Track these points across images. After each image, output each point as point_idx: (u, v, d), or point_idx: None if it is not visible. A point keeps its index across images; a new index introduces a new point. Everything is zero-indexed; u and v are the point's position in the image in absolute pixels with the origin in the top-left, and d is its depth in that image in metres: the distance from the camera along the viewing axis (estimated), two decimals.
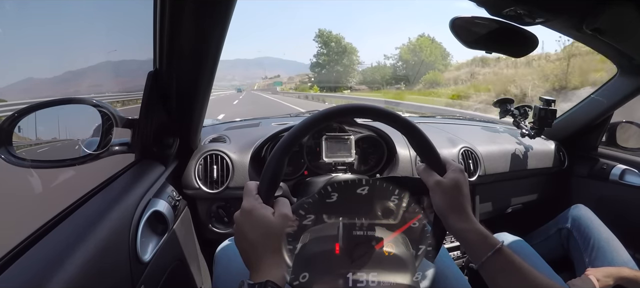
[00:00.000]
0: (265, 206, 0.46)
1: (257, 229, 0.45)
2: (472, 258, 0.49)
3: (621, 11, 0.59)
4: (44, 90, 6.24)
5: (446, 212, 0.50)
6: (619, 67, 1.10)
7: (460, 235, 0.49)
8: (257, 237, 0.45)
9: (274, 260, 0.44)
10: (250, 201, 0.47)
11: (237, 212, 0.48)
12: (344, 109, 0.53)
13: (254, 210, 0.46)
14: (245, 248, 0.46)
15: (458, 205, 0.49)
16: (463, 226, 0.49)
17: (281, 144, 0.49)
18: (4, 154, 0.56)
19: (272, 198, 0.48)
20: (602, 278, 0.86)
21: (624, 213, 1.20)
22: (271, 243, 0.45)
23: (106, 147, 0.66)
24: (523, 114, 1.38)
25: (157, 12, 0.61)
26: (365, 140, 1.11)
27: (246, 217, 0.46)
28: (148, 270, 0.63)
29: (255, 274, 0.44)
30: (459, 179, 0.50)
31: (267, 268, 0.43)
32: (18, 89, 8.85)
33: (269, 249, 0.45)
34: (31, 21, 22.16)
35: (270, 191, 0.48)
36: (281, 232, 0.46)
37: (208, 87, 0.77)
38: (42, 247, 0.47)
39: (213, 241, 1.02)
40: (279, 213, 0.46)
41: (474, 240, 0.48)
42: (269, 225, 0.45)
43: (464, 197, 0.50)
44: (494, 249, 0.46)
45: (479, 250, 0.47)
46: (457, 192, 0.50)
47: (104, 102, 0.67)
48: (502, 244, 0.47)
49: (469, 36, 0.69)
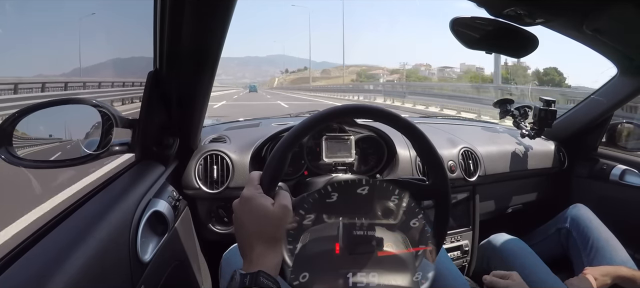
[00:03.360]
0: (265, 196, 0.46)
1: (253, 217, 0.45)
2: None
3: (621, 11, 0.59)
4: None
5: None
6: (619, 67, 1.10)
7: None
8: (253, 225, 0.45)
9: (267, 249, 0.44)
10: (250, 190, 0.47)
11: (236, 200, 0.48)
12: (345, 109, 0.53)
13: (253, 199, 0.46)
14: (241, 236, 0.46)
15: None
16: None
17: (285, 140, 0.49)
18: (4, 154, 0.56)
19: (274, 190, 0.48)
20: (599, 277, 0.87)
21: (624, 214, 1.20)
22: (267, 232, 0.45)
23: (106, 147, 0.66)
24: (523, 114, 1.38)
25: (157, 11, 0.62)
26: (366, 141, 1.11)
27: (244, 204, 0.46)
28: (148, 270, 0.63)
29: (249, 263, 0.43)
30: None
31: (260, 258, 0.43)
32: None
33: (264, 238, 0.44)
34: (39, 21, 22.26)
35: (272, 182, 0.48)
36: (279, 223, 0.45)
37: (208, 87, 0.77)
38: (42, 247, 0.47)
39: (213, 241, 1.02)
40: (279, 204, 0.46)
41: None
42: (266, 214, 0.45)
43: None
44: None
45: None
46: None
47: (104, 102, 0.67)
48: None
49: (469, 37, 0.69)
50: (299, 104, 14.72)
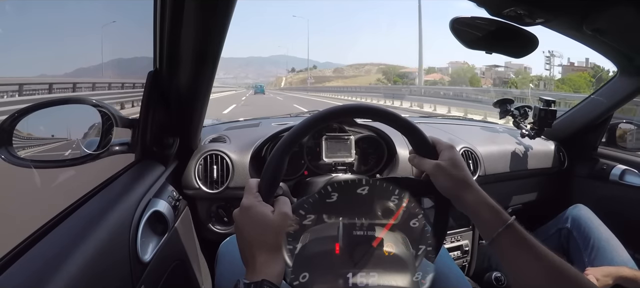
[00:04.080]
0: (265, 204, 0.46)
1: (254, 226, 0.45)
2: (483, 234, 0.49)
3: (621, 11, 0.59)
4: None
5: (455, 191, 0.50)
6: (619, 67, 1.10)
7: (473, 209, 0.49)
8: (254, 234, 0.45)
9: (270, 258, 0.44)
10: (249, 198, 0.46)
11: (236, 210, 0.47)
12: (344, 109, 0.53)
13: (253, 208, 0.45)
14: (243, 245, 0.46)
15: (463, 180, 0.49)
16: (475, 199, 0.49)
17: (282, 143, 0.49)
18: (4, 154, 0.56)
19: (273, 197, 0.48)
20: (601, 277, 0.86)
21: (624, 214, 1.20)
22: (268, 240, 0.44)
23: (106, 147, 0.67)
24: (523, 114, 1.38)
25: (157, 11, 0.62)
26: (365, 140, 1.11)
27: (244, 214, 0.46)
28: (148, 270, 0.63)
29: (252, 272, 0.43)
30: (454, 156, 0.51)
31: (263, 267, 0.43)
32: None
33: (266, 247, 0.44)
34: (39, 21, 22.17)
35: (270, 189, 0.48)
36: (279, 230, 0.45)
37: (208, 87, 0.77)
38: (42, 247, 0.47)
39: (213, 241, 1.02)
40: (278, 211, 0.46)
41: (486, 216, 0.48)
42: (267, 222, 0.45)
43: (465, 171, 0.50)
44: (506, 224, 0.46)
45: (491, 226, 0.47)
46: (458, 169, 0.50)
47: (104, 102, 0.67)
48: (514, 219, 0.47)
49: (469, 36, 0.69)
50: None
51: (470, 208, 0.49)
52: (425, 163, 0.52)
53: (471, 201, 0.49)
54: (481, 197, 0.49)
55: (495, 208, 0.48)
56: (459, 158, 0.51)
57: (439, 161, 0.51)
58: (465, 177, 0.50)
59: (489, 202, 0.49)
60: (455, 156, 0.51)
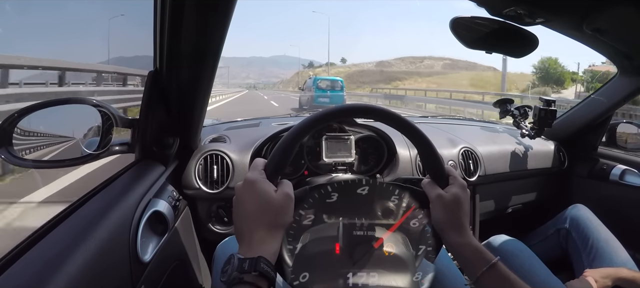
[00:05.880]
0: (269, 182, 0.46)
1: (255, 201, 0.45)
2: (467, 274, 0.49)
3: (621, 11, 0.59)
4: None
5: (444, 227, 0.50)
6: (619, 67, 1.10)
7: (456, 250, 0.49)
8: (254, 209, 0.44)
9: (267, 235, 0.44)
10: (255, 174, 0.46)
11: (239, 182, 0.47)
12: (345, 109, 0.53)
13: (257, 183, 0.45)
14: (241, 220, 0.45)
15: (457, 221, 0.49)
16: (459, 241, 0.49)
17: (292, 133, 0.49)
18: (4, 154, 0.56)
19: (277, 179, 0.48)
20: (600, 279, 0.86)
21: (624, 214, 1.20)
22: (267, 218, 0.44)
23: (106, 147, 0.66)
24: (523, 114, 1.38)
25: (157, 11, 0.62)
26: (366, 140, 1.11)
27: (247, 187, 0.45)
28: (148, 270, 0.63)
29: (247, 248, 0.43)
30: (460, 195, 0.50)
31: (259, 243, 0.43)
32: None
33: (264, 224, 0.44)
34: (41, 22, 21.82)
35: (276, 170, 0.47)
36: (280, 210, 0.45)
37: (208, 87, 0.77)
38: (42, 247, 0.47)
39: (213, 241, 1.02)
40: (281, 191, 0.46)
41: (469, 256, 0.48)
42: (268, 199, 0.44)
43: (463, 213, 0.50)
44: (489, 264, 0.46)
45: (474, 266, 0.47)
46: (457, 208, 0.49)
47: (104, 102, 0.67)
48: (498, 260, 0.47)
49: (469, 36, 0.70)
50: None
51: (454, 248, 0.49)
52: (431, 191, 0.51)
53: (457, 242, 0.49)
54: (467, 239, 0.49)
55: (478, 249, 0.48)
56: (464, 199, 0.50)
57: (444, 193, 0.50)
58: (461, 219, 0.49)
59: (473, 243, 0.49)
60: (461, 196, 0.50)
